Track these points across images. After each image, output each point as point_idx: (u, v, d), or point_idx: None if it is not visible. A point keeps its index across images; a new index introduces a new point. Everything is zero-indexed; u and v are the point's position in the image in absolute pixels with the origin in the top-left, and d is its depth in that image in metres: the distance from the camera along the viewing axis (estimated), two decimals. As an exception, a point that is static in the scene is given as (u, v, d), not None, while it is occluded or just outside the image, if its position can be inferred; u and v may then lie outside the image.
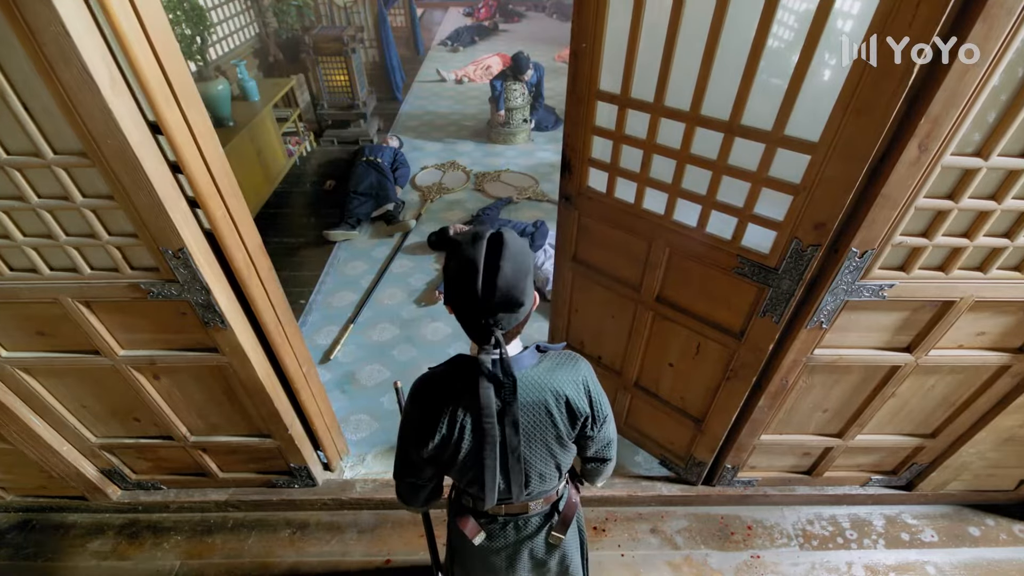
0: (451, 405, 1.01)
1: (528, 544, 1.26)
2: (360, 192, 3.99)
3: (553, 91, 6.41)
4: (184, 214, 1.26)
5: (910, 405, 1.80)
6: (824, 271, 1.38)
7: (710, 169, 1.40)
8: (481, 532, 1.23)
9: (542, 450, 1.08)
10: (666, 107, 1.39)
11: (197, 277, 1.34)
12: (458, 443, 1.03)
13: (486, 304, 0.89)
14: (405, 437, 1.10)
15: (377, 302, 3.24)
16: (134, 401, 1.73)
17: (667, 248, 1.64)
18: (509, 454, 1.04)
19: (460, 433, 1.02)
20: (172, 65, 1.12)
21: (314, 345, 2.92)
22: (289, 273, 3.49)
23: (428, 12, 10.69)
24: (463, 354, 1.05)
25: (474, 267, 0.88)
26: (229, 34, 4.53)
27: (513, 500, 1.14)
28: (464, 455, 1.04)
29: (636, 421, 2.25)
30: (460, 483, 1.16)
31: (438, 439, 1.02)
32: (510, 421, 1.01)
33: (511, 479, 1.08)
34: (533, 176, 4.63)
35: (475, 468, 1.06)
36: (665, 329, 1.83)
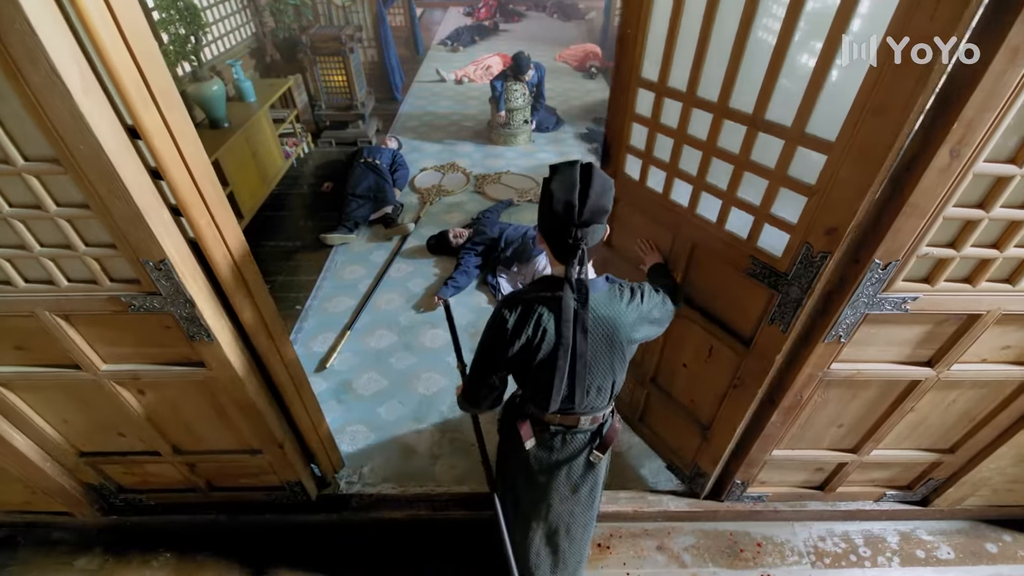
0: (536, 313, 1.20)
1: (569, 463, 1.44)
2: (358, 194, 3.92)
3: (554, 91, 6.34)
4: (166, 223, 1.19)
5: (929, 420, 1.73)
6: (844, 283, 1.31)
7: (732, 163, 1.37)
8: (533, 438, 1.40)
9: (604, 362, 1.28)
10: (698, 97, 1.38)
11: (180, 290, 1.26)
12: (538, 346, 1.21)
13: (582, 211, 1.08)
14: (490, 340, 1.27)
15: (375, 308, 3.17)
16: (118, 416, 1.66)
17: (690, 242, 1.62)
18: (577, 360, 1.22)
19: (542, 337, 1.20)
20: (150, 65, 1.04)
21: (310, 353, 2.84)
22: (285, 278, 3.42)
23: (428, 11, 10.62)
24: (548, 275, 1.26)
25: (572, 180, 1.08)
26: (225, 33, 4.45)
27: (574, 408, 1.32)
28: (540, 358, 1.23)
29: (650, 419, 2.24)
30: (527, 389, 1.36)
31: (523, 339, 1.20)
32: (582, 329, 1.19)
33: (575, 385, 1.26)
34: (534, 178, 4.56)
35: (546, 371, 1.24)
36: (682, 327, 1.79)
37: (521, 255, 3.34)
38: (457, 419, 2.49)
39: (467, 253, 3.40)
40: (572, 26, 9.70)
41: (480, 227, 3.58)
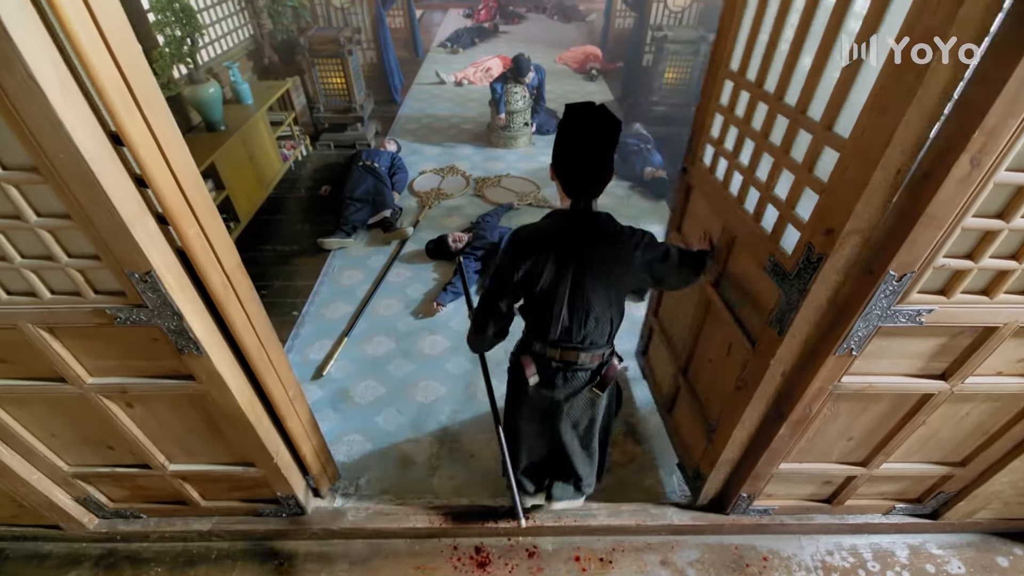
0: (542, 243, 1.31)
1: (570, 400, 1.53)
2: (356, 198, 3.87)
3: (554, 93, 6.30)
4: (151, 233, 1.14)
5: (941, 433, 1.68)
6: (856, 294, 1.26)
7: (773, 156, 1.41)
8: (536, 375, 1.48)
9: (603, 294, 1.35)
10: (763, 90, 1.45)
11: (168, 302, 1.21)
12: (540, 273, 1.31)
13: (595, 148, 1.21)
14: (500, 266, 1.37)
15: (373, 314, 3.12)
16: (106, 429, 1.61)
17: (732, 235, 1.65)
18: (576, 289, 1.32)
19: (544, 264, 1.30)
20: (133, 69, 0.99)
21: (306, 360, 2.79)
22: (282, 283, 3.37)
23: (427, 13, 10.59)
24: (557, 208, 1.36)
25: (588, 120, 1.20)
26: (223, 35, 4.41)
27: (573, 341, 1.40)
28: (542, 285, 1.32)
29: (676, 411, 2.27)
30: (531, 321, 1.46)
31: (528, 266, 1.31)
32: (582, 260, 1.29)
33: (574, 315, 1.35)
34: (534, 181, 4.52)
35: (547, 299, 1.34)
36: (713, 320, 1.81)
37: (521, 260, 3.29)
38: (456, 428, 2.44)
39: (466, 258, 3.35)
40: (572, 28, 9.67)
41: (479, 231, 3.53)
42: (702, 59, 5.00)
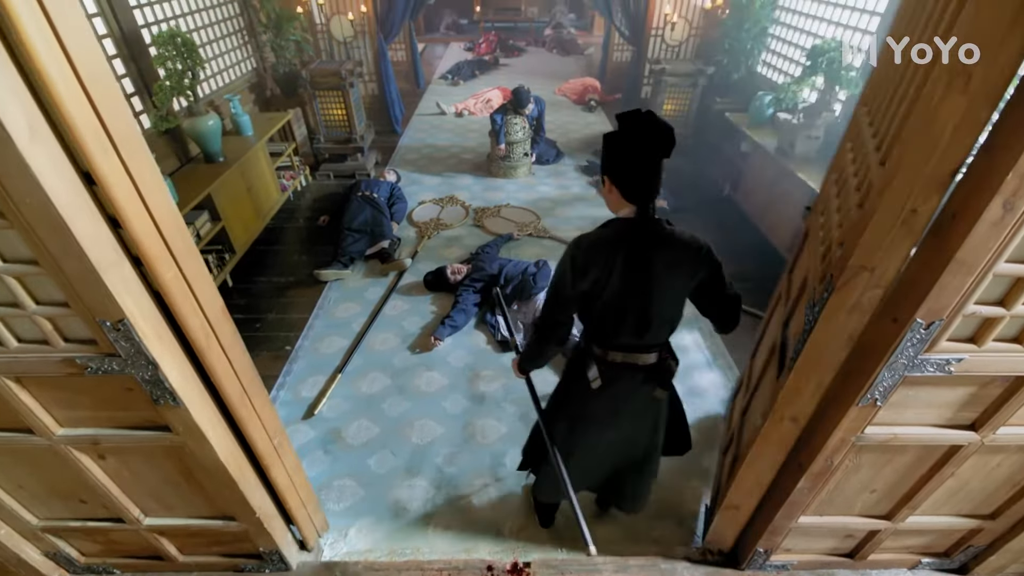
0: (606, 250, 1.33)
1: (630, 400, 1.56)
2: (354, 228, 3.83)
3: (554, 124, 6.35)
4: (126, 279, 1.06)
5: (970, 485, 1.57)
6: (880, 343, 1.18)
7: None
8: (599, 378, 1.51)
9: (669, 298, 1.41)
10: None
11: (142, 351, 1.13)
12: (606, 282, 1.34)
13: (659, 148, 1.23)
14: (561, 279, 1.40)
15: (368, 348, 3.02)
16: (77, 482, 1.50)
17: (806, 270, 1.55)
18: (644, 295, 1.37)
19: (610, 273, 1.33)
20: (110, 109, 0.94)
21: (298, 398, 2.69)
22: (276, 316, 3.29)
23: (430, 47, 10.82)
24: (617, 216, 1.38)
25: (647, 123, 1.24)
26: (226, 68, 4.45)
27: (637, 342, 1.45)
28: (608, 293, 1.36)
29: (727, 456, 2.12)
30: (592, 327, 1.49)
31: (592, 276, 1.34)
32: (652, 264, 1.33)
33: (640, 318, 1.41)
34: (534, 211, 4.48)
35: (614, 306, 1.39)
36: (773, 351, 1.70)
37: (521, 292, 3.21)
38: (452, 472, 2.32)
39: (465, 290, 3.28)
40: (571, 61, 9.86)
41: (479, 263, 3.47)
42: (700, 91, 5.04)
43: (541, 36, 11.25)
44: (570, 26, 11.54)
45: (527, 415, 2.60)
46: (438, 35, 11.84)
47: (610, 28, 6.85)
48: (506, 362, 2.93)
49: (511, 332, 2.19)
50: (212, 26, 4.24)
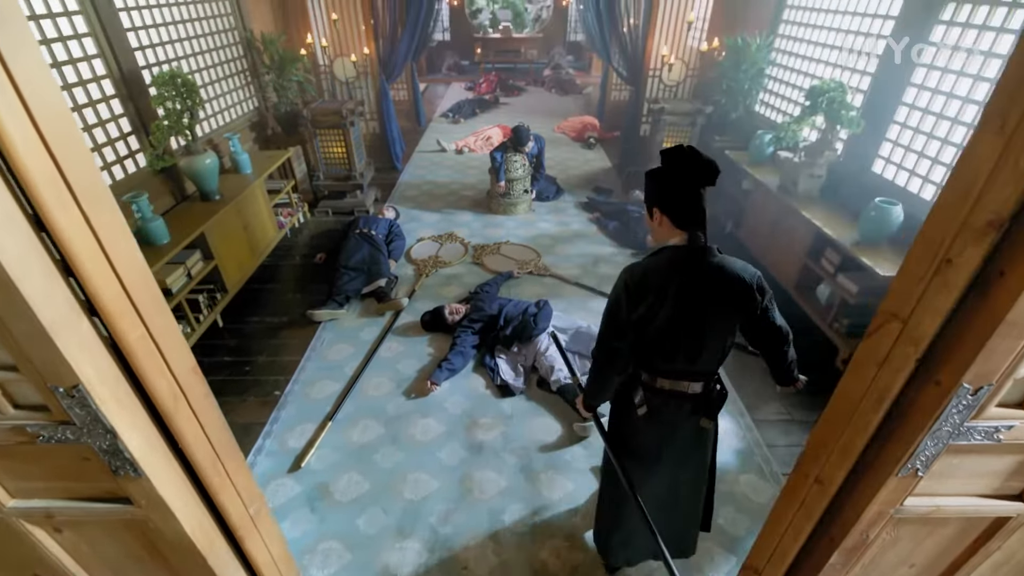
0: (660, 279, 1.36)
1: (677, 429, 1.57)
2: (351, 267, 3.75)
3: (553, 161, 6.38)
4: (83, 339, 0.96)
5: (1017, 557, 1.42)
6: (922, 408, 1.06)
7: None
8: (645, 405, 1.53)
9: (722, 324, 1.43)
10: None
11: (99, 419, 1.01)
12: (660, 307, 1.37)
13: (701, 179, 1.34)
14: (614, 307, 1.44)
15: (361, 393, 2.89)
16: (31, 556, 1.35)
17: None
18: (697, 322, 1.39)
19: (664, 300, 1.36)
20: (71, 159, 0.86)
21: (284, 448, 2.53)
22: (266, 358, 3.16)
23: (431, 86, 11.07)
24: (668, 244, 1.42)
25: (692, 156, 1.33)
26: (228, 107, 4.48)
27: (686, 369, 1.47)
28: (661, 320, 1.38)
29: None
30: (644, 353, 1.49)
31: (647, 303, 1.37)
32: (706, 291, 1.36)
33: (692, 346, 1.43)
34: (534, 248, 4.42)
35: (666, 331, 1.40)
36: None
37: (522, 334, 3.10)
38: (447, 532, 2.15)
39: (463, 331, 3.17)
40: (570, 100, 10.06)
41: (478, 302, 3.37)
42: (699, 130, 5.08)
43: (540, 76, 11.53)
44: (568, 67, 11.85)
45: (528, 467, 2.44)
46: (440, 76, 12.14)
47: (608, 69, 7.00)
48: (505, 408, 2.79)
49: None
50: (216, 67, 4.29)
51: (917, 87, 3.07)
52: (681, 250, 1.39)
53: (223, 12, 4.37)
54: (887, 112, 3.29)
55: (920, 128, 3.06)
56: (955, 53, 2.84)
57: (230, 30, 4.47)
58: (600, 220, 4.87)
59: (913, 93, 3.11)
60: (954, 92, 2.83)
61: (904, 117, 3.18)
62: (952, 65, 2.85)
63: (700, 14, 5.42)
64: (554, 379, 2.84)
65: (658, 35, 5.50)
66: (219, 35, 4.33)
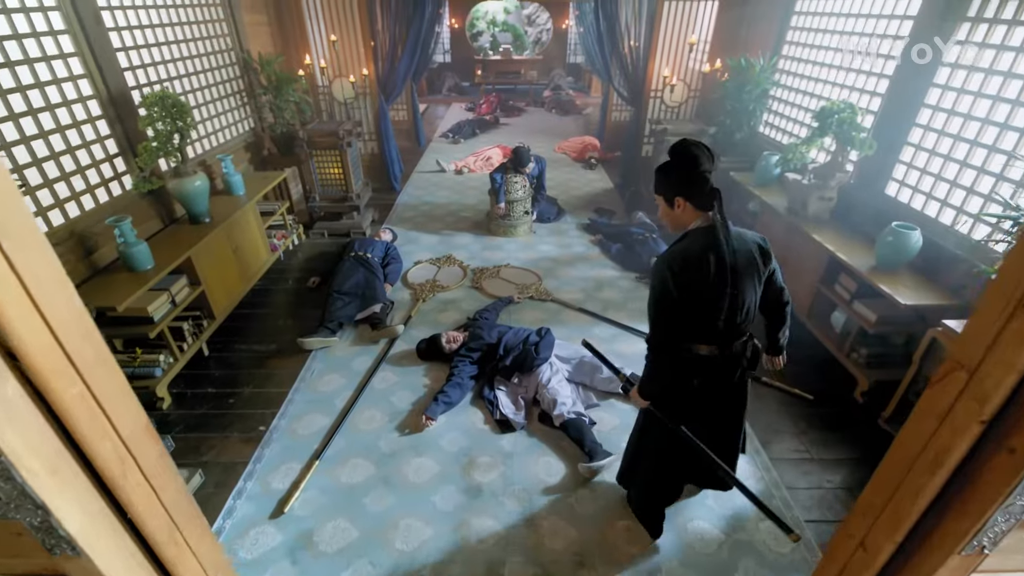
0: (698, 256, 1.55)
1: (727, 389, 1.79)
2: (344, 292, 3.61)
3: (554, 181, 6.30)
4: (8, 404, 0.81)
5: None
6: (993, 478, 0.91)
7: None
8: (698, 376, 1.71)
9: (750, 285, 1.63)
10: None
11: (27, 493, 0.86)
12: (702, 283, 1.55)
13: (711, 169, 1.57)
14: (664, 291, 1.57)
15: (352, 428, 2.72)
16: (-39, 638, 1.18)
17: None
18: (735, 290, 1.59)
19: (704, 274, 1.54)
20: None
21: (267, 490, 2.36)
22: (252, 390, 3.00)
23: (431, 107, 11.11)
24: (691, 228, 1.63)
25: (702, 146, 1.58)
26: (222, 128, 4.39)
27: (729, 332, 1.66)
28: (708, 292, 1.56)
29: None
30: (691, 328, 1.65)
31: (693, 278, 1.54)
32: (737, 261, 1.58)
33: (734, 312, 1.62)
34: (535, 272, 4.29)
35: (712, 303, 1.58)
36: None
37: (522, 364, 2.95)
38: (442, 589, 1.96)
39: (461, 361, 3.01)
40: (570, 120, 10.06)
41: (476, 330, 3.22)
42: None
43: (540, 97, 11.57)
44: (568, 88, 11.91)
45: (529, 512, 2.26)
46: (440, 96, 12.20)
47: (608, 90, 6.98)
48: (505, 445, 2.62)
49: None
50: (211, 87, 4.22)
51: (932, 108, 2.98)
52: (707, 228, 1.59)
53: (220, 33, 4.32)
54: (900, 133, 3.19)
55: (936, 150, 2.96)
56: (971, 74, 2.75)
57: (226, 51, 4.42)
58: (602, 242, 4.75)
59: (927, 114, 3.01)
60: (972, 113, 2.73)
61: (919, 139, 3.08)
62: (969, 85, 2.76)
63: (701, 36, 5.40)
64: (557, 413, 2.67)
65: (659, 56, 5.47)
66: (215, 56, 4.27)
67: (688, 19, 5.31)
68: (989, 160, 2.65)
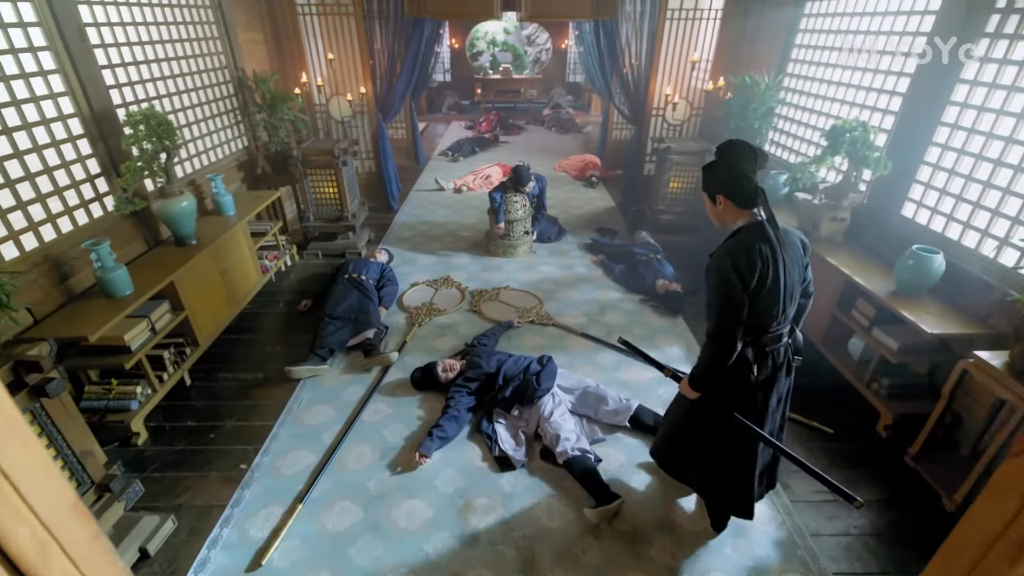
0: (757, 250, 1.63)
1: (778, 374, 1.85)
2: (337, 316, 3.45)
3: (555, 200, 6.19)
4: None
5: None
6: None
7: None
8: (755, 365, 1.80)
9: (796, 276, 1.76)
10: None
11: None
12: (764, 275, 1.64)
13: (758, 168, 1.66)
14: (731, 287, 1.64)
15: (339, 466, 2.53)
16: None
17: None
18: (787, 282, 1.71)
19: (766, 267, 1.64)
20: None
21: (244, 538, 2.16)
22: (235, 423, 2.82)
23: (431, 125, 11.08)
24: (740, 226, 1.71)
25: (749, 146, 1.67)
26: (215, 146, 4.28)
27: (781, 325, 1.78)
28: (769, 285, 1.66)
29: None
30: (755, 319, 1.72)
31: (757, 273, 1.63)
32: (785, 255, 1.69)
33: (787, 304, 1.75)
34: (536, 294, 4.13)
35: (771, 294, 1.68)
36: None
37: (523, 395, 2.77)
38: (434, 656, 1.76)
39: (458, 392, 2.84)
40: (570, 138, 10.02)
41: (474, 358, 3.05)
42: (706, 169, 4.88)
43: (540, 115, 11.56)
44: (568, 106, 11.91)
45: (530, 565, 2.07)
46: (440, 115, 12.20)
47: (609, 107, 6.91)
48: (504, 485, 2.43)
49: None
50: (203, 105, 4.12)
51: (950, 126, 2.85)
52: (756, 224, 1.66)
53: (213, 51, 4.24)
54: (916, 152, 3.06)
55: (957, 169, 2.82)
56: (992, 91, 2.63)
57: (220, 69, 4.33)
58: (605, 263, 4.61)
59: (945, 132, 2.89)
60: (994, 132, 2.60)
61: (936, 158, 2.95)
62: (991, 103, 2.64)
63: (703, 54, 5.33)
64: (560, 450, 2.49)
65: (661, 74, 5.40)
66: (208, 73, 4.17)
67: (690, 37, 5.26)
68: (1015, 180, 2.52)
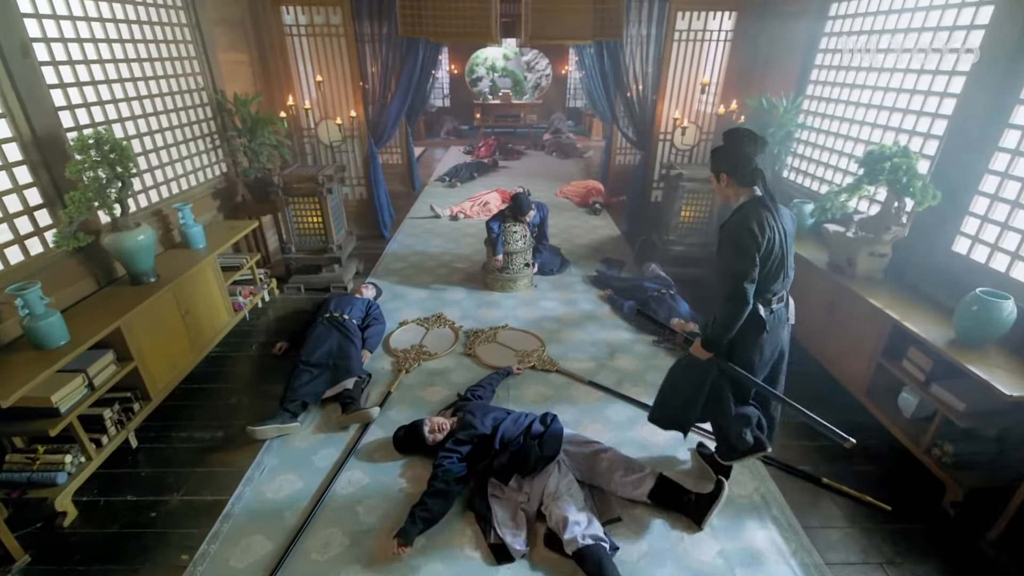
0: (765, 217, 1.91)
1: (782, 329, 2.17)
2: (313, 363, 3.05)
3: (556, 228, 5.85)
4: None
5: None
6: None
7: None
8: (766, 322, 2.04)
9: (791, 243, 2.04)
10: None
11: None
12: (772, 240, 1.91)
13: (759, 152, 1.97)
14: (747, 250, 1.89)
15: (301, 558, 2.09)
16: None
17: None
18: (786, 248, 1.99)
19: (773, 232, 1.91)
20: None
21: (171, 667, 1.71)
22: (183, 498, 2.38)
23: (429, 149, 10.85)
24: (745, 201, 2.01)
25: (751, 133, 1.98)
26: (186, 173, 3.93)
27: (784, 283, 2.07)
28: (775, 248, 1.93)
29: None
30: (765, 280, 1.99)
31: (767, 237, 1.89)
32: (784, 223, 1.99)
33: (787, 266, 2.04)
34: (537, 335, 3.73)
35: (777, 259, 1.96)
36: None
37: (524, 464, 2.34)
38: None
39: (447, 458, 2.40)
40: (571, 163, 9.76)
41: (467, 416, 2.62)
42: (719, 196, 4.55)
43: (540, 140, 11.35)
44: (568, 131, 11.72)
45: None
46: (439, 139, 12.01)
47: (612, 132, 6.64)
48: (501, 583, 1.98)
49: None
50: (176, 129, 3.79)
51: (1011, 152, 2.51)
52: (756, 199, 1.97)
53: (189, 72, 3.93)
54: (968, 181, 2.71)
55: (1021, 201, 2.46)
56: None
57: (197, 90, 4.02)
58: (613, 298, 4.22)
59: (1005, 159, 2.54)
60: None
61: (995, 187, 2.59)
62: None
63: (713, 77, 5.06)
64: (568, 537, 2.05)
65: (668, 98, 5.12)
66: (182, 95, 3.86)
67: (698, 59, 4.99)
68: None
